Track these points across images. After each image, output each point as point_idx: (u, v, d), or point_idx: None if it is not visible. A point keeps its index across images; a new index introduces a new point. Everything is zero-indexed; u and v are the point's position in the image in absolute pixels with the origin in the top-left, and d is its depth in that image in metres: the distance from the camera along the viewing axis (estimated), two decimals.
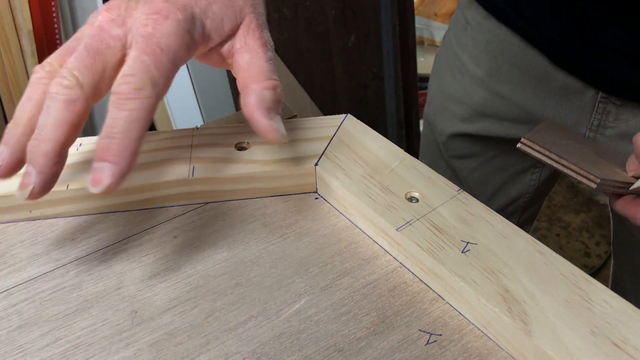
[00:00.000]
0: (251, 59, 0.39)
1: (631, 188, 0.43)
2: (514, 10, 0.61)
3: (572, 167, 0.42)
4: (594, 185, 0.41)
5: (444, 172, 0.77)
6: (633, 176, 0.44)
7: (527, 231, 0.44)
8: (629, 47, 0.52)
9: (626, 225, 0.68)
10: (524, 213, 0.81)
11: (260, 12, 0.40)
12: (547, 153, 0.43)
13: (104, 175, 0.33)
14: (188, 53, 0.36)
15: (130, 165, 0.33)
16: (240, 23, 0.39)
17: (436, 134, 0.78)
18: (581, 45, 0.56)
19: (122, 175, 0.33)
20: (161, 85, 0.34)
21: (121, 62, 0.36)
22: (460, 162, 0.77)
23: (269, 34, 0.41)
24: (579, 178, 0.42)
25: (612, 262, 0.79)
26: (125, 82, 0.34)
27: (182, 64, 0.36)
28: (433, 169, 0.43)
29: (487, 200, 0.78)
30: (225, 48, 0.39)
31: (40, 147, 0.35)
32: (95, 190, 0.33)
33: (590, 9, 0.53)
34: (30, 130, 0.36)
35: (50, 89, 0.35)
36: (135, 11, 0.36)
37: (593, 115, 0.61)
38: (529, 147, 0.43)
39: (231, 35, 0.39)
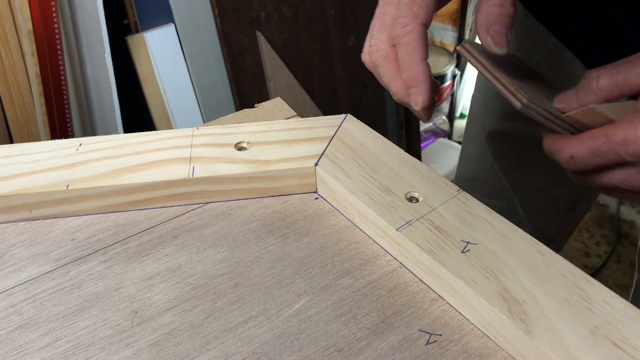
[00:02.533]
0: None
1: (564, 114, 0.42)
2: (552, 9, 0.61)
3: (503, 81, 0.40)
4: (518, 105, 0.39)
5: (488, 169, 0.77)
6: (560, 110, 0.43)
7: (569, 236, 0.44)
8: None
9: None
10: (567, 214, 0.80)
11: None
12: (482, 61, 0.42)
13: (416, 96, 0.41)
14: None
15: (429, 81, 0.41)
16: None
17: (479, 129, 0.78)
18: (611, 51, 0.56)
19: (427, 91, 0.41)
20: (422, 14, 0.41)
21: None
22: (502, 160, 0.77)
23: None
24: (507, 95, 0.40)
25: (636, 273, 0.78)
26: (396, 25, 0.41)
27: None
28: (476, 163, 0.43)
29: (527, 200, 0.77)
30: None
31: None
32: (416, 108, 0.41)
33: (620, 16, 0.53)
34: None
35: None
36: None
37: None
38: (467, 51, 0.43)
39: None
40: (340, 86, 1.50)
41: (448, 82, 1.91)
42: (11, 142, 1.28)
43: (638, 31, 0.53)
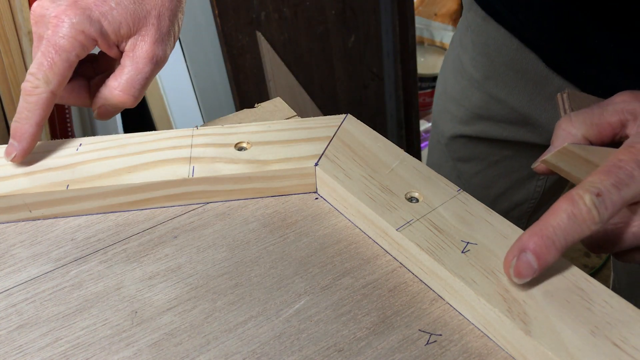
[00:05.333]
0: (128, 66, 0.46)
1: (541, 160, 0.40)
2: (510, 12, 0.61)
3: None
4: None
5: (449, 174, 0.77)
6: (536, 169, 0.41)
7: None
8: (615, 54, 0.52)
9: None
10: (531, 218, 0.80)
11: (164, 26, 0.47)
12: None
13: (12, 149, 0.44)
14: (83, 49, 0.44)
15: (31, 143, 0.44)
16: (138, 30, 0.46)
17: (439, 135, 0.78)
18: (571, 50, 0.56)
19: (25, 151, 0.44)
20: (55, 82, 0.43)
21: None
22: (463, 165, 0.77)
23: (166, 49, 0.47)
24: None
25: (611, 272, 0.78)
26: (27, 80, 0.44)
27: (78, 59, 0.44)
28: (439, 170, 0.43)
29: (491, 204, 0.77)
30: (121, 47, 0.47)
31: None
32: (7, 159, 0.44)
33: (579, 14, 0.53)
34: None
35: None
36: (47, 11, 0.44)
37: None
38: (562, 100, 0.43)
39: (127, 37, 0.46)
40: (340, 86, 1.50)
41: None
42: None
43: (596, 29, 0.53)
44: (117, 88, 0.45)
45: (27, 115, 0.43)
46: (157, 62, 0.47)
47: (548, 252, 0.33)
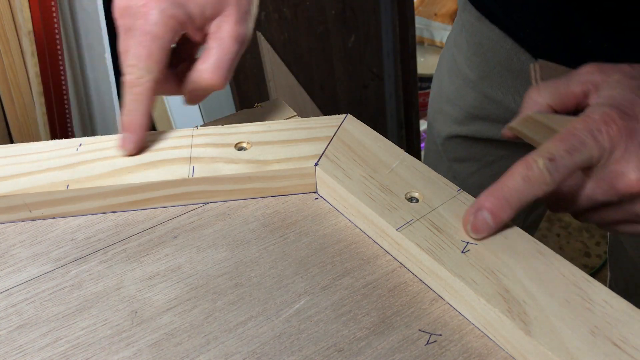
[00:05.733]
0: (215, 48, 0.45)
1: (508, 127, 0.43)
2: (504, 12, 0.61)
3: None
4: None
5: (445, 174, 0.77)
6: (504, 134, 0.44)
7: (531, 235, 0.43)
8: (610, 54, 0.52)
9: (619, 239, 0.68)
10: (526, 219, 0.81)
11: (244, 5, 0.46)
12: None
13: (126, 142, 0.45)
14: (175, 34, 0.44)
15: (144, 133, 0.45)
16: (221, 11, 0.45)
17: (435, 135, 0.79)
18: (566, 50, 0.56)
19: (140, 141, 0.45)
20: (156, 70, 0.43)
21: None
22: (458, 165, 0.77)
23: (248, 28, 0.47)
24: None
25: (608, 272, 0.79)
26: (128, 72, 0.43)
27: (172, 44, 0.44)
28: (435, 170, 0.43)
29: None
30: (205, 29, 0.46)
31: None
32: (124, 152, 0.45)
33: (573, 15, 0.53)
34: None
35: None
36: (132, 2, 0.44)
37: None
38: (535, 71, 0.44)
39: (212, 19, 0.45)
40: (340, 86, 1.50)
41: None
42: (11, 142, 1.28)
43: (591, 29, 0.53)
44: (206, 71, 0.45)
45: (135, 106, 0.44)
46: (242, 41, 0.46)
47: (503, 211, 0.36)
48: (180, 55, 0.50)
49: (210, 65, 0.45)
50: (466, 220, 0.37)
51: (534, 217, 0.83)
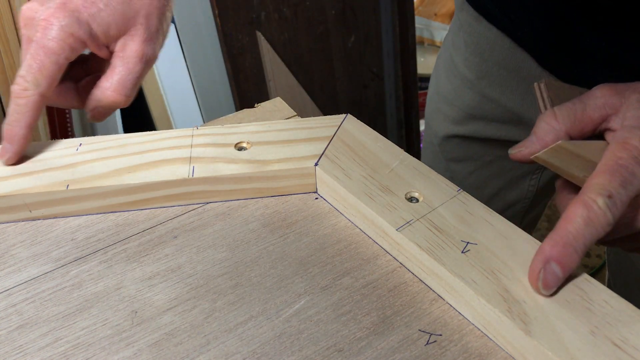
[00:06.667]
0: (119, 67, 0.46)
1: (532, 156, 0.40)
2: (502, 12, 0.61)
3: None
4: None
5: (442, 175, 0.77)
6: (514, 156, 0.42)
7: None
8: (606, 55, 0.52)
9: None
10: (524, 218, 0.81)
11: (153, 24, 0.47)
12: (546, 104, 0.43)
13: (5, 152, 0.44)
14: (72, 52, 0.44)
15: (23, 145, 0.45)
16: (127, 30, 0.46)
17: (432, 135, 0.79)
18: (563, 50, 0.56)
19: (18, 153, 0.45)
20: (44, 85, 0.44)
21: None
22: (456, 165, 0.77)
23: (155, 48, 0.48)
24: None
25: (606, 272, 0.79)
26: (16, 82, 0.44)
27: (67, 61, 0.44)
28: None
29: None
30: (110, 47, 0.47)
31: None
32: (1, 160, 0.45)
33: (570, 14, 0.53)
34: None
35: None
36: (37, 14, 0.44)
37: None
38: (540, 91, 0.43)
39: (116, 38, 0.46)
40: (340, 86, 1.50)
41: None
42: None
43: (588, 28, 0.53)
44: (109, 89, 0.46)
45: (17, 117, 0.44)
46: (147, 61, 0.47)
47: (571, 259, 0.34)
48: (90, 68, 0.50)
49: (113, 84, 0.46)
50: (535, 275, 0.34)
51: (531, 218, 0.83)
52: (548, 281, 0.34)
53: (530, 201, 0.78)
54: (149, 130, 0.46)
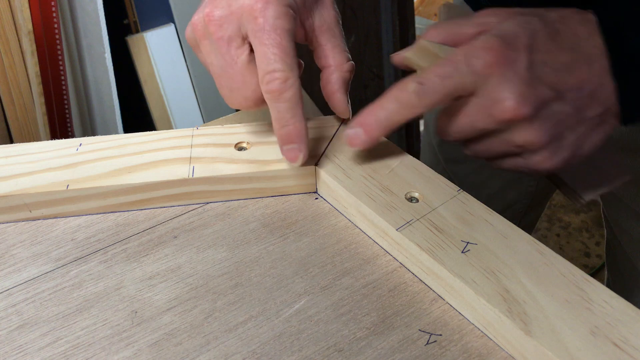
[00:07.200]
0: (330, 39, 0.44)
1: (402, 56, 0.44)
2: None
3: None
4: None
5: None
6: (394, 60, 0.45)
7: None
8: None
9: (616, 235, 0.68)
10: (522, 219, 0.81)
11: None
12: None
13: (296, 152, 0.41)
14: (296, 25, 0.41)
15: (308, 139, 0.41)
16: None
17: (431, 136, 0.79)
18: None
19: (307, 150, 0.41)
20: (297, 66, 0.40)
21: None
22: (455, 166, 0.77)
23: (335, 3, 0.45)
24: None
25: (606, 272, 0.79)
26: (272, 79, 0.39)
27: (296, 36, 0.42)
28: None
29: None
30: (308, 23, 0.44)
31: None
32: (295, 164, 0.42)
33: None
34: None
35: None
36: (232, 7, 0.40)
37: None
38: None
39: (312, 7, 0.44)
40: None
41: None
42: (11, 142, 1.28)
43: None
44: (344, 68, 0.45)
45: (291, 114, 0.40)
46: (340, 21, 0.46)
47: (374, 128, 0.40)
48: None
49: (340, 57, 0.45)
50: (345, 134, 0.41)
51: (530, 218, 0.83)
52: (351, 138, 0.40)
53: (529, 202, 0.78)
54: (149, 131, 0.46)
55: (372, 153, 0.45)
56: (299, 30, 0.44)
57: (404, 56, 0.43)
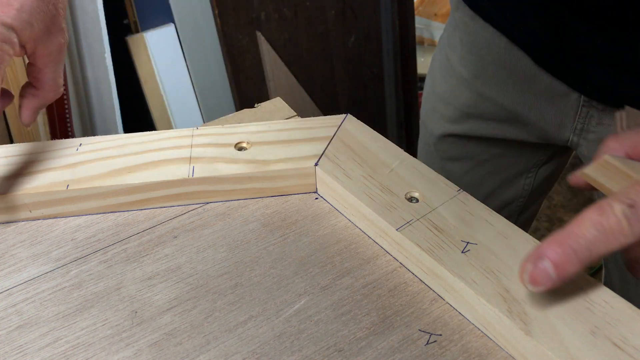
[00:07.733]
0: (50, 65, 0.45)
1: (579, 174, 0.36)
2: (497, 11, 0.61)
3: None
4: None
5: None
6: (572, 182, 0.38)
7: None
8: (602, 53, 0.53)
9: None
10: (519, 217, 0.81)
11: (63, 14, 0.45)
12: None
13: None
14: (8, 58, 0.41)
15: None
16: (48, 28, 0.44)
17: (428, 135, 0.79)
18: (560, 48, 0.56)
19: None
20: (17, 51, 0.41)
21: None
22: (452, 164, 0.77)
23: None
24: None
25: (603, 269, 0.79)
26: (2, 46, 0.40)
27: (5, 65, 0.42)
28: None
29: None
30: (28, 46, 0.44)
31: None
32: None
33: (565, 13, 0.53)
34: None
35: None
36: None
37: (576, 119, 0.61)
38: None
39: (38, 37, 0.43)
40: (340, 86, 1.50)
41: None
42: (11, 142, 1.28)
43: (584, 27, 0.53)
44: (55, 91, 0.47)
45: None
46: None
47: (569, 263, 0.31)
48: None
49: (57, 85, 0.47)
50: (523, 267, 0.32)
51: (527, 216, 0.82)
52: (536, 277, 0.31)
53: (525, 200, 0.78)
54: (149, 130, 0.46)
55: (372, 153, 0.45)
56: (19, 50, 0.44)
57: (583, 172, 0.36)
